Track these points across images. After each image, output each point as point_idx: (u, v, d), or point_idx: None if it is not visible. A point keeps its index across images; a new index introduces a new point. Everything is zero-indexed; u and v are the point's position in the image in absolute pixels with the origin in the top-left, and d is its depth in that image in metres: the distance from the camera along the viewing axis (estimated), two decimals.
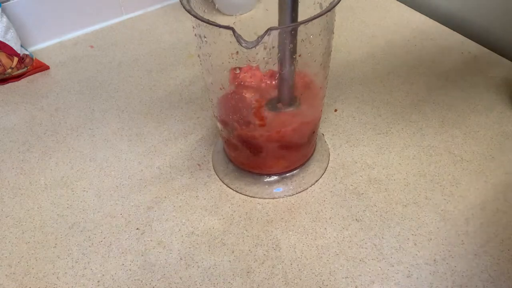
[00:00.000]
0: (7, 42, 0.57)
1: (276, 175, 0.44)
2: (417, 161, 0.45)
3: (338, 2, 0.32)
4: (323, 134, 0.49)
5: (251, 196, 0.43)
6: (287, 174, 0.44)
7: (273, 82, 0.39)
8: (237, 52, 0.34)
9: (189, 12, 0.32)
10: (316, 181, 0.44)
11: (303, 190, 0.43)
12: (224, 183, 0.44)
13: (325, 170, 0.45)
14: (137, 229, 0.41)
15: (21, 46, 0.60)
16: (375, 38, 0.63)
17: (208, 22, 0.31)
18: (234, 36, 0.30)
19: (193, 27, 0.35)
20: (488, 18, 0.61)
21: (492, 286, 0.35)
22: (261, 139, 0.39)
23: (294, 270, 0.37)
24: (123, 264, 0.39)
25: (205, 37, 0.34)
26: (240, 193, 0.44)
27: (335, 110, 0.52)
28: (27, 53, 0.60)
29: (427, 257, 0.37)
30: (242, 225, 0.41)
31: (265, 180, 0.44)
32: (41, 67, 0.62)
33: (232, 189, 0.44)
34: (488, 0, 0.60)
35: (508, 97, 0.52)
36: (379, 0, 0.71)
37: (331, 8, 0.32)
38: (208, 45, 0.35)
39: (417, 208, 0.41)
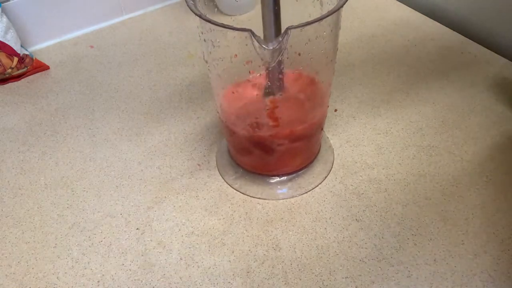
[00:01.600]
0: (7, 42, 0.57)
1: (285, 175, 0.44)
2: (417, 161, 0.45)
3: None
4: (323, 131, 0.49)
5: (263, 199, 0.43)
6: (298, 172, 0.44)
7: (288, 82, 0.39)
8: (236, 55, 0.33)
9: (200, 16, 0.31)
10: (325, 177, 0.44)
11: (313, 189, 0.43)
12: (235, 189, 0.44)
13: (332, 166, 0.45)
14: (137, 229, 0.41)
15: (21, 46, 0.60)
16: (375, 38, 0.63)
17: (223, 25, 0.30)
18: (254, 38, 0.29)
19: (201, 32, 0.34)
20: (488, 18, 0.61)
21: (492, 286, 0.35)
22: (274, 139, 0.39)
23: (294, 270, 0.37)
24: (123, 264, 0.39)
25: (218, 41, 0.33)
26: (253, 197, 0.43)
27: (335, 110, 0.52)
28: (27, 53, 0.60)
29: (427, 257, 0.37)
30: (242, 225, 0.41)
31: (273, 181, 0.44)
32: (41, 67, 0.62)
33: (246, 194, 0.43)
34: (488, 0, 0.60)
35: (508, 97, 0.52)
36: (379, 0, 0.71)
37: (345, 2, 0.31)
38: (221, 49, 0.34)
39: (417, 208, 0.41)
